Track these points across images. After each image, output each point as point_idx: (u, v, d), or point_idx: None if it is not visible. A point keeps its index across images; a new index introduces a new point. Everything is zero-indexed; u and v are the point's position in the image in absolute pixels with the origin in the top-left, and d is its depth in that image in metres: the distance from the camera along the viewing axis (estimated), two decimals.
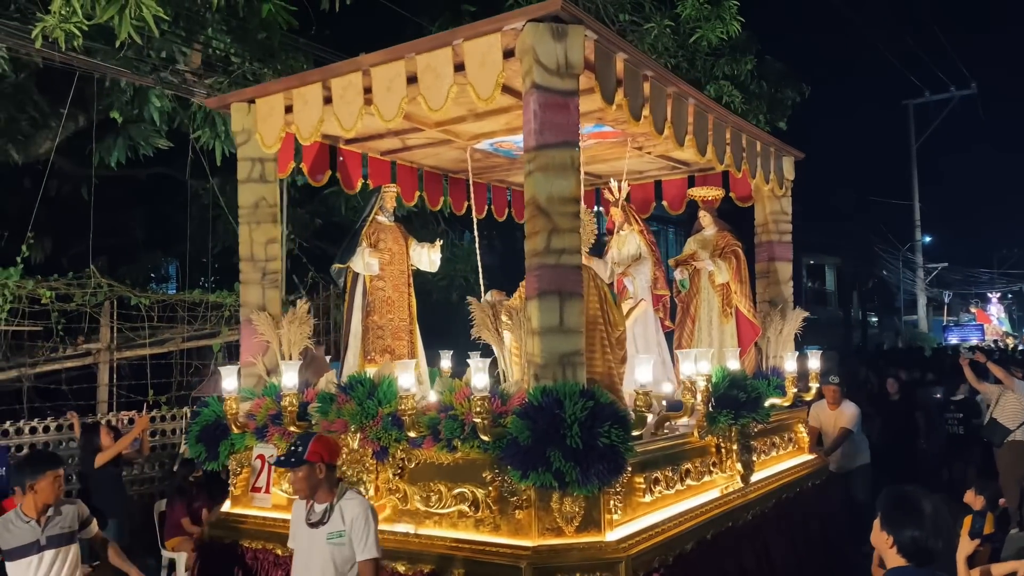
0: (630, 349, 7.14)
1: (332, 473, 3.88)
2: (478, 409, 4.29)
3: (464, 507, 4.51)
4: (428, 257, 6.58)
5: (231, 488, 5.56)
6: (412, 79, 4.98)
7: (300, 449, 3.77)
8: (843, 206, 31.86)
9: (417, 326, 6.63)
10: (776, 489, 6.35)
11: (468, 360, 4.43)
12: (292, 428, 5.08)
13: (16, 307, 8.41)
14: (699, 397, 5.65)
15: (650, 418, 6.23)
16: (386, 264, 6.47)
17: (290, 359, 5.55)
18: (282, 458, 3.89)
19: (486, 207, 8.36)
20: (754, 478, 6.06)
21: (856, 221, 32.46)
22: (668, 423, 5.26)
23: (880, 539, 2.77)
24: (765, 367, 7.41)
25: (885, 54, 39.79)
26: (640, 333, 7.24)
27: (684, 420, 5.23)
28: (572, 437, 4.09)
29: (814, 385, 7.32)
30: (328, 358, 7.90)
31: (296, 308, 5.68)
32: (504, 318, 4.88)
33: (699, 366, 5.73)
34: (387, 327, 6.38)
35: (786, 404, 6.88)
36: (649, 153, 7.40)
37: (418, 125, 6.40)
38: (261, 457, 5.40)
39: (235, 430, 5.37)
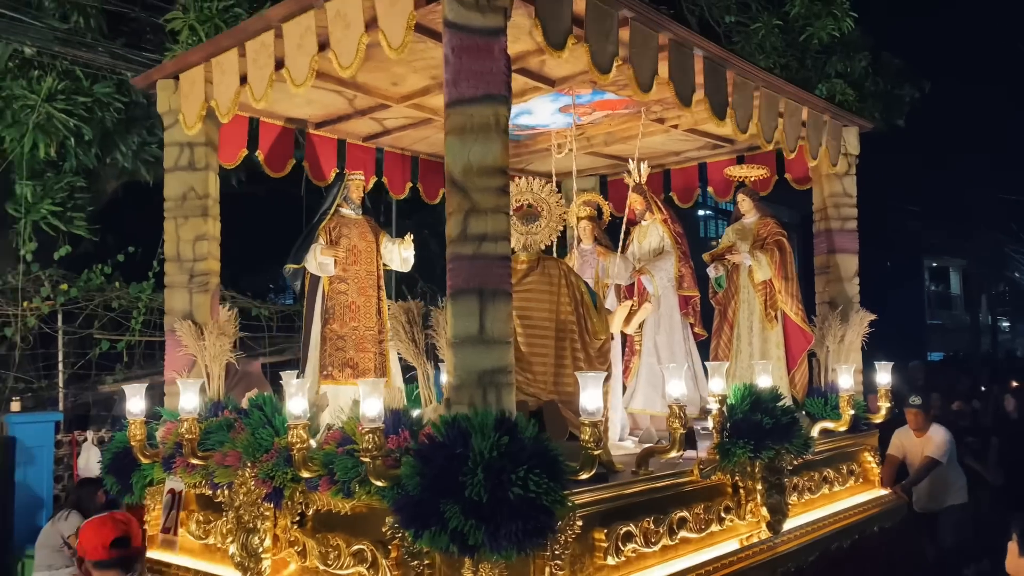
0: (649, 360, 6.00)
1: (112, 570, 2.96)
2: (368, 445, 3.29)
3: (363, 569, 3.51)
4: (399, 255, 5.62)
5: (146, 528, 4.74)
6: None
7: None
8: (971, 206, 29.05)
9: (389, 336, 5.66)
10: (823, 538, 5.05)
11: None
12: (193, 460, 4.22)
13: (148, 319, 8.77)
14: (711, 424, 4.50)
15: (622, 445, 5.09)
16: (349, 263, 5.55)
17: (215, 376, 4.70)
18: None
19: None
20: (790, 524, 4.79)
21: (985, 222, 29.55)
22: (654, 457, 4.09)
23: (1019, 565, 2.74)
24: (823, 383, 6.09)
25: (1018, 46, 36.23)
26: (664, 343, 6.05)
27: (676, 454, 4.06)
28: (474, 486, 3.02)
29: (885, 405, 5.94)
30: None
31: (219, 315, 4.83)
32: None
33: (712, 383, 4.55)
34: (349, 337, 5.45)
35: (842, 429, 5.55)
36: (674, 127, 6.21)
37: (382, 100, 5.47)
38: (172, 492, 4.56)
39: (142, 460, 4.55)
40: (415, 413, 3.84)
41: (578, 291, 4.43)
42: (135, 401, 4.45)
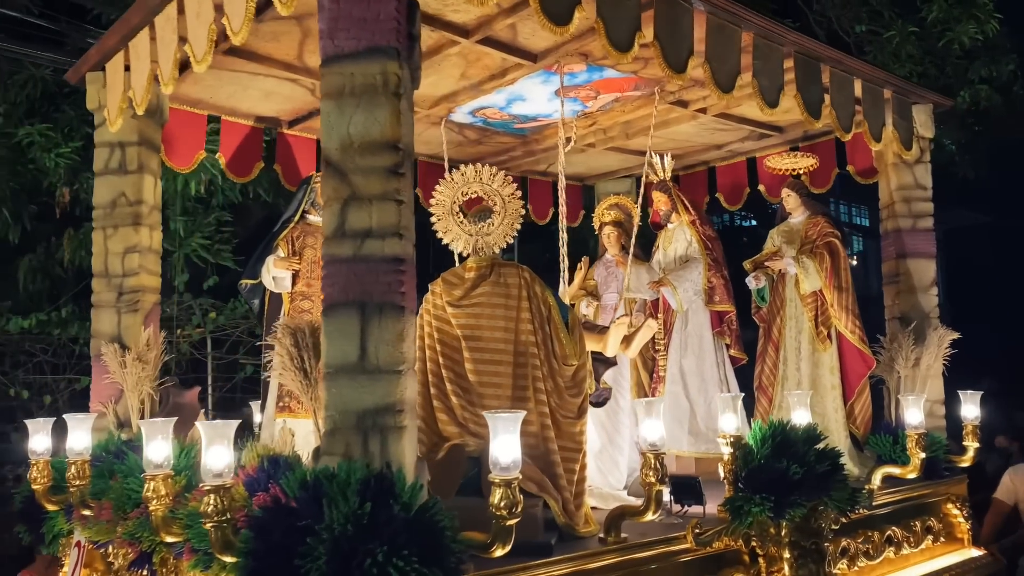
0: (674, 389, 5.02)
1: None
2: (207, 507, 2.50)
3: None
4: None
5: None
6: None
7: None
8: None
9: None
10: None
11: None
12: (84, 512, 3.53)
13: None
14: (721, 473, 3.53)
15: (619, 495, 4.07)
16: (314, 278, 4.83)
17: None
18: None
19: None
20: None
21: None
22: (628, 520, 3.14)
23: None
24: (893, 416, 4.96)
25: None
26: (692, 368, 5.08)
27: (653, 517, 3.11)
28: (314, 572, 2.19)
29: (972, 445, 4.78)
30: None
31: (143, 339, 4.16)
32: None
33: (723, 421, 3.59)
34: None
35: (911, 475, 4.43)
36: (701, 111, 5.24)
37: None
38: (78, 545, 3.89)
39: (47, 507, 3.90)
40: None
41: (544, 305, 3.54)
42: (39, 439, 3.82)
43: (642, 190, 5.61)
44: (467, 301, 3.46)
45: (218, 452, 2.53)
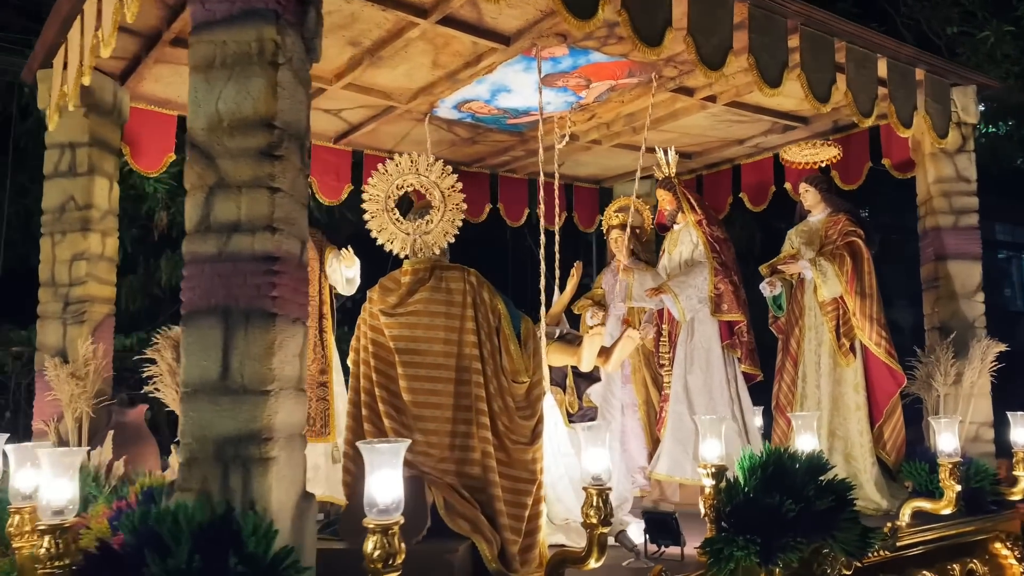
0: (678, 409, 4.52)
1: None
2: (41, 551, 2.13)
3: None
4: (340, 273, 4.47)
5: None
6: None
7: None
8: None
9: (338, 378, 4.50)
10: None
11: None
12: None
13: None
14: (701, 508, 3.04)
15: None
16: None
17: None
18: None
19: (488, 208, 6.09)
20: None
21: None
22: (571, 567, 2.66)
23: None
24: (932, 443, 4.33)
25: None
26: (698, 385, 4.55)
27: (597, 564, 2.62)
28: None
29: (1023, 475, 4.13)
30: None
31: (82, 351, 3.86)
32: None
33: (704, 448, 3.10)
34: None
35: (946, 510, 3.81)
36: (710, 100, 4.72)
37: (321, 84, 4.40)
38: None
39: None
40: None
41: (492, 313, 3.10)
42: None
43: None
44: (403, 309, 3.04)
45: (59, 486, 2.16)
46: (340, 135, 5.29)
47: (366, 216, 3.13)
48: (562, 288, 4.72)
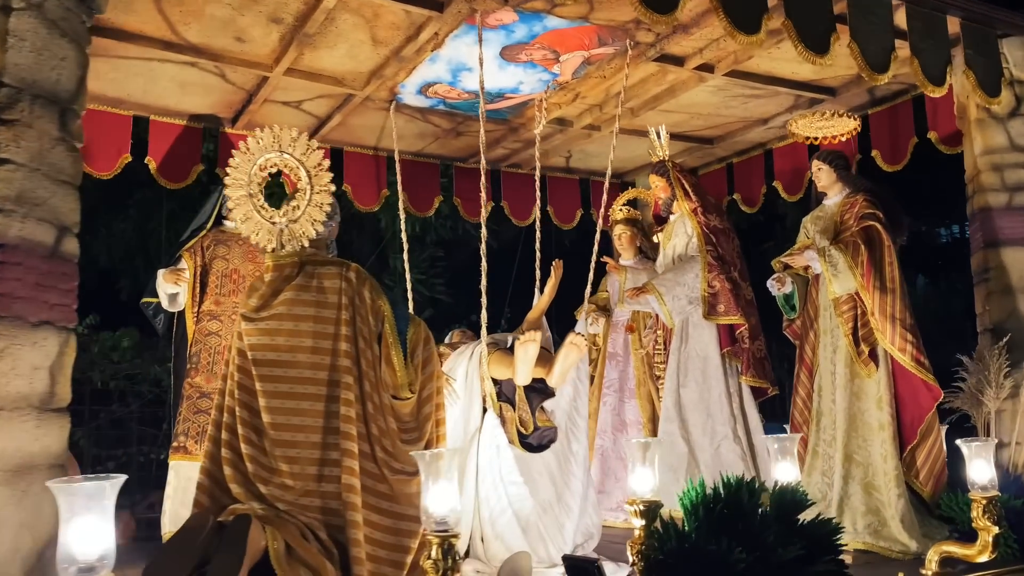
0: (668, 428, 3.91)
1: None
2: None
3: None
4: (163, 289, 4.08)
5: None
6: None
7: None
8: None
9: None
10: None
11: None
12: None
13: None
14: (629, 557, 2.48)
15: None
16: (225, 294, 4.10)
17: None
18: None
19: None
20: None
21: None
22: None
23: None
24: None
25: None
26: (692, 400, 3.92)
27: None
28: None
29: None
30: None
31: None
32: None
33: (633, 480, 2.54)
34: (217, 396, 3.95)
35: (982, 557, 3.03)
36: (705, 69, 4.08)
37: (254, 70, 4.04)
38: None
39: None
40: None
41: (373, 316, 2.60)
42: None
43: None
44: (265, 313, 2.57)
45: None
46: (312, 132, 4.90)
47: (229, 204, 2.69)
48: (542, 289, 4.18)
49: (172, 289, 4.00)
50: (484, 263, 3.40)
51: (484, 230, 3.49)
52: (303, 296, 2.57)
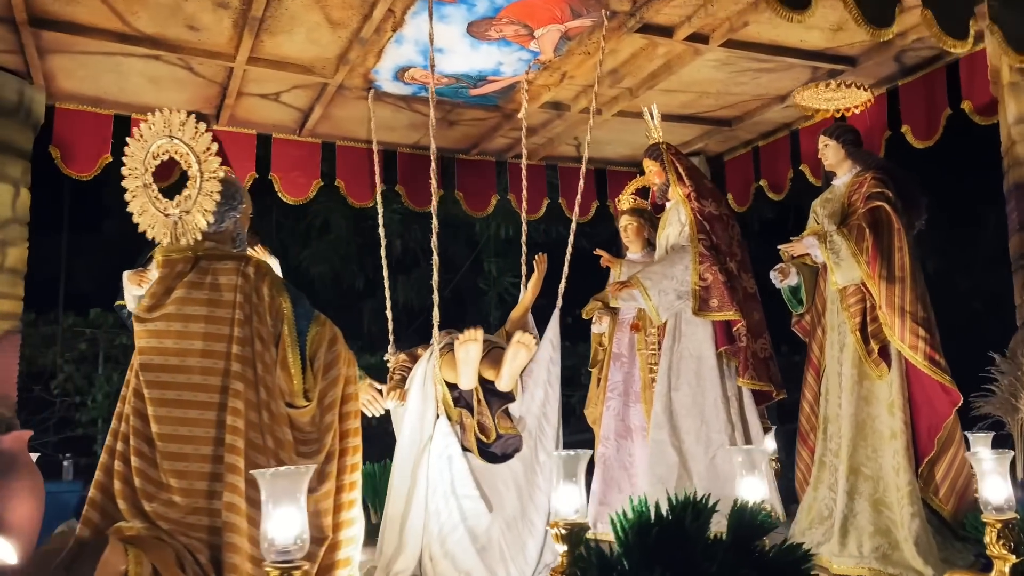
0: (658, 436, 3.56)
1: None
2: None
3: None
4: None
5: None
6: None
7: None
8: None
9: None
10: None
11: None
12: None
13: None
14: None
15: None
16: None
17: None
18: None
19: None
20: None
21: None
22: None
23: None
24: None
25: None
26: (684, 404, 3.55)
27: None
28: None
29: None
30: None
31: None
32: None
33: (557, 497, 2.23)
34: None
35: None
36: (699, 40, 3.69)
37: (218, 60, 3.86)
38: None
39: None
40: None
41: (272, 315, 2.35)
42: None
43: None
44: (156, 313, 2.35)
45: None
46: (299, 125, 4.72)
47: (127, 196, 2.48)
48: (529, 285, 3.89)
49: (137, 291, 3.83)
50: (436, 257, 3.11)
51: (435, 220, 3.19)
52: (194, 294, 2.34)
